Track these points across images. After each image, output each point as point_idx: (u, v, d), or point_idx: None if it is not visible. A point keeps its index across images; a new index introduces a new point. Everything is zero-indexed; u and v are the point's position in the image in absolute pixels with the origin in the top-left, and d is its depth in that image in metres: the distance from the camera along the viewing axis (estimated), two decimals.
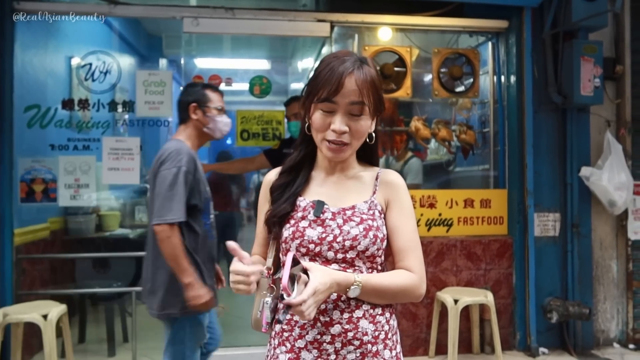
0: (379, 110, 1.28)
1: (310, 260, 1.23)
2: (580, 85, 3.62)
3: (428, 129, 3.99)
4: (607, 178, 3.72)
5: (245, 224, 6.68)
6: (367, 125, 1.25)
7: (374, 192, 1.30)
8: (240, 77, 4.28)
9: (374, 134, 1.30)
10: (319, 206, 1.27)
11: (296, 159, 1.38)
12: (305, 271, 1.11)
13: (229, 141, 5.01)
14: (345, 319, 1.21)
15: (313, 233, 1.25)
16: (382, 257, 1.29)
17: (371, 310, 1.24)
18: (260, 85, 4.02)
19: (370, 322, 1.23)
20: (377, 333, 1.24)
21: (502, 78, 4.02)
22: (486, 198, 3.90)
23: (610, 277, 3.98)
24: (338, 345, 1.21)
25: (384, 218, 1.29)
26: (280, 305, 1.14)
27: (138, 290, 3.66)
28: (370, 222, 1.25)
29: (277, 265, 1.32)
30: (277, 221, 1.29)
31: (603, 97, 3.78)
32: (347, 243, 1.23)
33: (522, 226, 3.82)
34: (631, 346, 3.92)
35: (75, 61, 3.88)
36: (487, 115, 4.17)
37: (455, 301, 3.40)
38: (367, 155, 1.36)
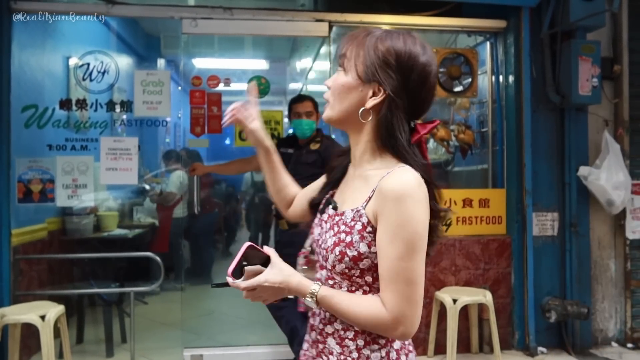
0: (373, 76, 1.07)
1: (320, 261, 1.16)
2: (579, 85, 3.63)
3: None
4: (605, 177, 3.73)
5: (243, 224, 6.68)
6: (345, 81, 1.10)
7: (368, 200, 1.07)
8: (238, 77, 4.28)
9: (369, 111, 1.09)
10: (324, 206, 1.20)
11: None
12: (267, 262, 1.10)
13: (227, 141, 5.03)
14: (319, 329, 1.15)
15: (315, 232, 1.21)
16: (369, 277, 1.08)
17: (341, 332, 1.11)
18: (259, 86, 4.01)
19: (336, 343, 1.11)
20: (342, 357, 1.09)
21: (501, 78, 4.02)
22: (485, 198, 3.90)
23: (608, 276, 3.99)
24: (314, 352, 1.17)
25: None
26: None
27: (136, 291, 3.68)
28: (343, 235, 1.07)
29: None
30: (311, 209, 1.27)
31: (601, 97, 3.79)
32: (324, 253, 1.12)
33: (520, 226, 3.83)
34: (629, 345, 3.92)
35: (73, 61, 3.88)
36: (486, 115, 4.17)
37: (454, 301, 3.40)
38: (389, 147, 1.10)
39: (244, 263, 1.08)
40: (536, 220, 3.85)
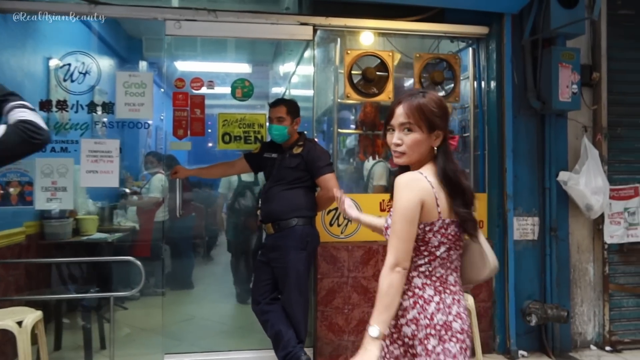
0: (435, 127, 1.66)
1: None
2: (559, 91, 3.69)
3: None
4: (584, 182, 3.79)
5: (224, 229, 6.61)
6: (418, 138, 1.66)
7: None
8: (222, 80, 4.26)
9: (436, 148, 1.68)
10: None
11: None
12: None
13: (210, 144, 4.98)
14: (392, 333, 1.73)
15: None
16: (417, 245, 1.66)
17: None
18: (243, 89, 3.98)
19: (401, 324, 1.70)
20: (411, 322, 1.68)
21: (483, 83, 4.07)
22: None
23: (587, 280, 4.05)
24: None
25: None
26: None
27: (116, 296, 3.61)
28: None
29: None
30: None
31: (580, 103, 3.86)
32: None
33: (501, 230, 3.87)
34: (607, 348, 3.99)
35: (53, 62, 3.81)
36: (468, 120, 4.22)
37: None
38: (448, 171, 1.67)
39: None
40: (517, 224, 3.90)
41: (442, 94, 4.00)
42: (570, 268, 4.01)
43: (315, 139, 3.67)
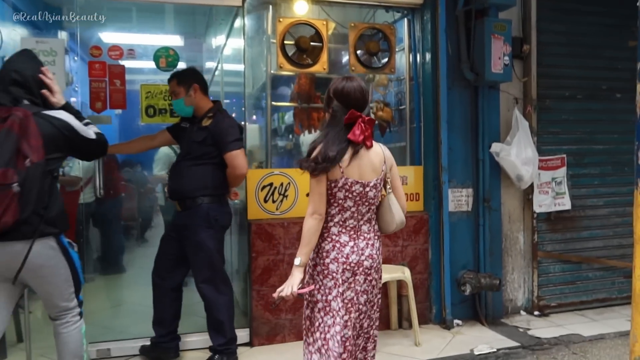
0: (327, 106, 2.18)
1: None
2: (491, 63, 3.70)
3: None
4: (515, 153, 3.86)
5: (159, 209, 6.32)
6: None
7: None
8: (143, 49, 3.96)
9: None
10: None
11: None
12: None
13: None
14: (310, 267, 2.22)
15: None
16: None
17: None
18: (167, 58, 3.66)
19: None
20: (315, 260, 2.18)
21: (418, 55, 4.02)
22: (403, 175, 3.90)
23: (517, 248, 4.17)
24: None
25: None
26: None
27: None
28: None
29: None
30: None
31: (512, 75, 3.89)
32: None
33: (437, 202, 3.88)
34: (536, 313, 4.14)
35: None
36: (403, 93, 4.17)
37: None
38: None
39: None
40: (452, 196, 3.93)
41: (378, 65, 3.92)
42: (502, 237, 4.10)
43: (246, 112, 3.47)
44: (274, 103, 3.98)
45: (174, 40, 5.21)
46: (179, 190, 3.12)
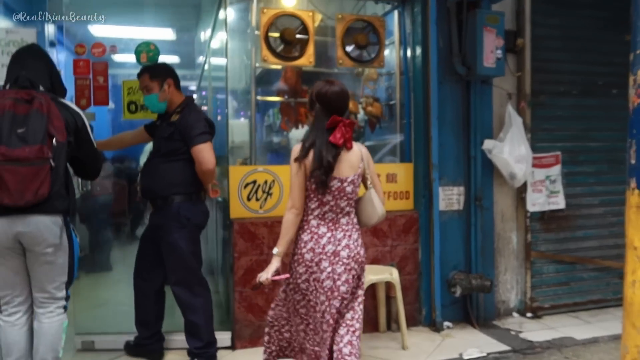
0: (311, 108, 2.37)
1: None
2: (483, 57, 3.57)
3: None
4: (508, 151, 3.74)
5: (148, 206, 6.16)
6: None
7: None
8: (125, 45, 3.83)
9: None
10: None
11: None
12: None
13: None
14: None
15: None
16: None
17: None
18: (148, 53, 3.52)
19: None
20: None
21: (408, 48, 3.89)
22: (392, 172, 3.79)
23: (510, 248, 4.05)
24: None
25: None
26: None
27: None
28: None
29: None
30: None
31: (505, 69, 3.77)
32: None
33: (427, 200, 3.76)
34: (529, 315, 4.03)
35: None
36: (394, 87, 4.04)
37: None
38: None
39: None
40: (443, 194, 3.80)
41: (367, 58, 3.79)
42: (494, 237, 3.98)
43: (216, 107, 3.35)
44: (259, 98, 3.84)
45: (166, 34, 5.07)
46: (150, 189, 3.02)
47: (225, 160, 3.51)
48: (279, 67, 3.78)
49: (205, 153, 2.85)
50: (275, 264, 2.26)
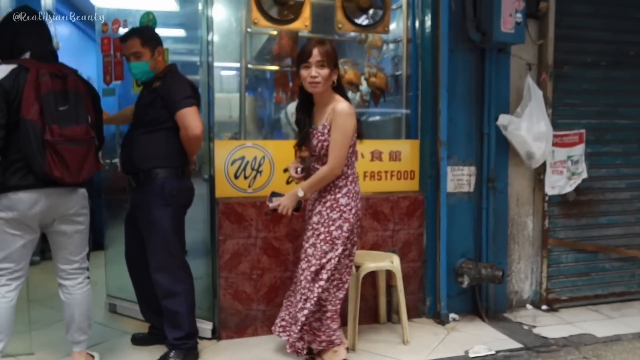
0: (335, 66, 2.54)
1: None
2: (501, 20, 3.18)
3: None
4: (526, 127, 3.36)
5: None
6: (328, 72, 2.49)
7: (327, 118, 2.53)
8: (134, 17, 3.57)
9: (335, 80, 2.55)
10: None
11: (298, 103, 2.70)
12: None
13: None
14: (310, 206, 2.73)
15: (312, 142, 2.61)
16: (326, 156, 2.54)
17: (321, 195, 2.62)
18: (147, 22, 3.37)
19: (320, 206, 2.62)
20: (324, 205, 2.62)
21: (417, 11, 3.50)
22: (396, 150, 3.44)
23: (525, 235, 3.70)
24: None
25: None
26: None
27: None
28: (320, 136, 2.54)
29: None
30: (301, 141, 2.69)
31: (525, 36, 3.36)
32: (312, 150, 2.61)
33: (434, 181, 3.42)
34: (544, 307, 3.69)
35: None
36: (400, 57, 3.67)
37: (357, 267, 2.95)
38: (340, 93, 2.61)
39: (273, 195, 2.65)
40: (451, 175, 3.45)
41: (369, 22, 3.41)
42: (508, 222, 3.63)
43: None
44: (250, 66, 3.50)
45: (169, 5, 4.74)
46: (130, 162, 2.75)
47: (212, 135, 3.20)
48: (274, 32, 3.45)
49: (190, 117, 2.58)
50: (296, 195, 2.57)
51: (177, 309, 2.72)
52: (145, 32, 2.80)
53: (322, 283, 2.54)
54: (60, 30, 6.48)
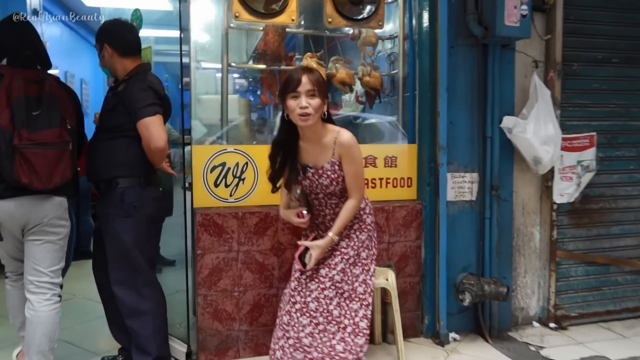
0: (325, 95, 2.28)
1: (308, 194, 2.43)
2: (505, 13, 2.91)
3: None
4: (533, 130, 3.09)
5: None
6: (319, 103, 2.22)
7: (333, 153, 2.30)
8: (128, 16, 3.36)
9: (325, 112, 2.29)
10: (304, 169, 2.37)
11: (280, 137, 2.38)
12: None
13: None
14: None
15: (305, 183, 2.39)
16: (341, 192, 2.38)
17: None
18: (135, 21, 3.19)
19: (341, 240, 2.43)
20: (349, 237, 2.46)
21: (413, 5, 3.23)
22: (391, 155, 3.17)
23: (532, 246, 3.42)
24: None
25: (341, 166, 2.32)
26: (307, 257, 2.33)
27: None
28: (332, 174, 2.32)
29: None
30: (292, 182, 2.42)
31: (531, 31, 3.10)
32: (322, 189, 2.36)
33: (433, 189, 3.14)
34: (552, 325, 3.41)
35: None
36: (396, 54, 3.40)
37: None
38: (329, 122, 2.36)
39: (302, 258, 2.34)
40: (452, 182, 3.18)
41: (362, 16, 3.15)
42: (513, 233, 3.36)
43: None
44: (232, 65, 3.23)
45: (162, 4, 4.50)
46: (93, 171, 2.54)
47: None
48: (261, 27, 3.19)
49: (152, 127, 2.35)
50: (328, 241, 2.34)
51: (142, 330, 2.48)
52: (99, 29, 2.62)
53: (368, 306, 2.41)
54: (51, 31, 6.26)
